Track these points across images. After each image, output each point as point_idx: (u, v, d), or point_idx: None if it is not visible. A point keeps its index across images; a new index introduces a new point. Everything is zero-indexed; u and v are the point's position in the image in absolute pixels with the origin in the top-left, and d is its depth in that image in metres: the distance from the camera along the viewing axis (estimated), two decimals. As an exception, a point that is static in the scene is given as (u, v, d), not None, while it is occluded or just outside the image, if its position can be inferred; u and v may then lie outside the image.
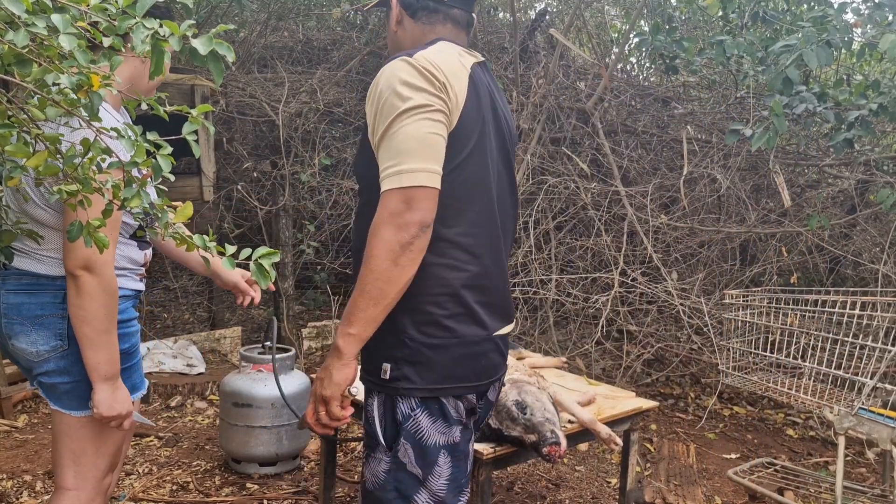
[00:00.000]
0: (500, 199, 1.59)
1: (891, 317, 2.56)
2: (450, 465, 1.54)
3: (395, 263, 1.39)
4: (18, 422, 3.74)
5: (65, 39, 1.02)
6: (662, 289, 4.33)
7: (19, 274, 1.73)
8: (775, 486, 3.03)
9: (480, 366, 1.55)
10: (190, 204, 1.25)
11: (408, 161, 1.38)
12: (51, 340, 1.72)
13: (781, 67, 3.45)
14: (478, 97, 1.50)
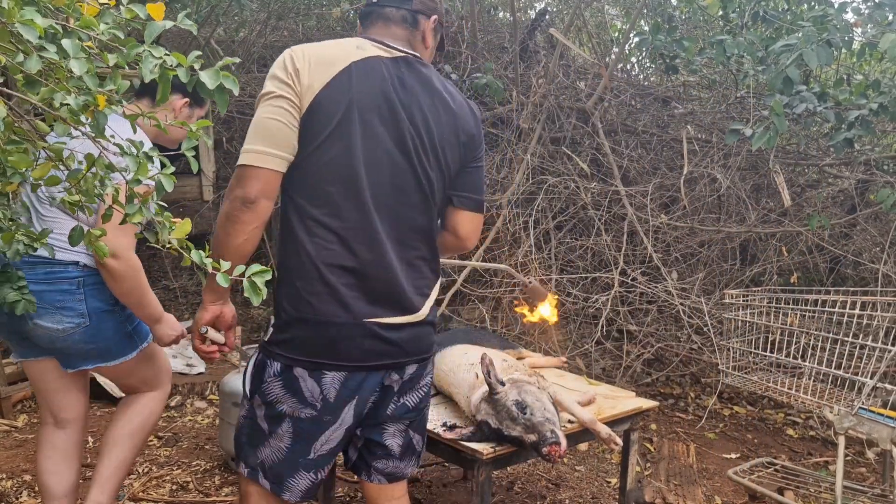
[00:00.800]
0: (380, 186, 1.63)
1: (891, 316, 2.56)
2: (290, 437, 1.68)
3: (223, 230, 1.60)
4: (18, 422, 3.74)
5: (75, 64, 1.06)
6: (662, 288, 4.33)
7: (33, 262, 2.02)
8: (775, 485, 3.03)
9: (342, 348, 1.63)
10: (188, 221, 1.31)
11: (247, 142, 1.59)
12: (74, 319, 2.08)
13: (782, 67, 3.45)
14: (349, 85, 1.58)
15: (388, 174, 1.64)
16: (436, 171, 1.70)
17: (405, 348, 1.71)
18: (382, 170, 1.63)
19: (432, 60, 1.83)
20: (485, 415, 2.05)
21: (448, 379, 2.36)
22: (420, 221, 1.71)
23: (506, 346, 2.84)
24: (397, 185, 1.66)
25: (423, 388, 1.82)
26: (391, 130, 1.63)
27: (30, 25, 1.00)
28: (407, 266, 1.69)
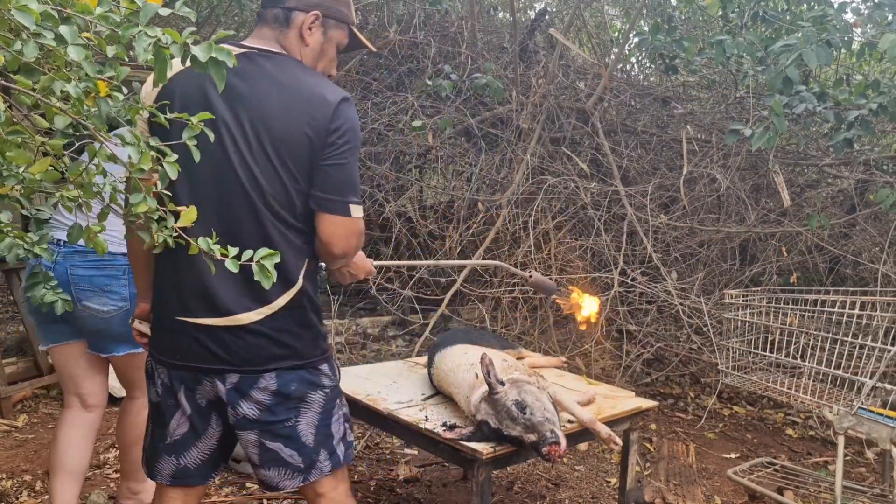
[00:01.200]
0: (203, 185, 1.63)
1: (890, 316, 2.56)
2: (151, 421, 1.82)
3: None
4: (18, 421, 3.74)
5: (73, 50, 1.06)
6: (662, 288, 4.33)
7: (84, 251, 2.30)
8: (775, 485, 3.03)
9: (164, 343, 1.72)
10: (194, 209, 1.30)
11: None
12: (118, 302, 2.37)
13: (781, 67, 3.45)
14: (172, 92, 1.62)
15: (211, 174, 1.61)
16: (267, 169, 1.62)
17: (217, 353, 1.65)
18: (204, 170, 1.57)
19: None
20: (484, 415, 2.05)
21: (448, 379, 2.37)
22: (248, 223, 1.63)
23: (505, 346, 2.84)
24: (221, 185, 1.62)
25: (266, 401, 1.68)
26: (211, 130, 1.60)
27: (26, 11, 1.00)
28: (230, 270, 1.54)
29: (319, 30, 1.73)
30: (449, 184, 5.68)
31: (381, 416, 2.36)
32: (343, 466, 1.82)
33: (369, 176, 5.01)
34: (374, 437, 3.70)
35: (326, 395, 1.76)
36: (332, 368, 1.81)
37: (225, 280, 1.62)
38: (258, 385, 1.67)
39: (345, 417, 1.83)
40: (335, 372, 1.83)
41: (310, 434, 1.73)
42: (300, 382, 1.71)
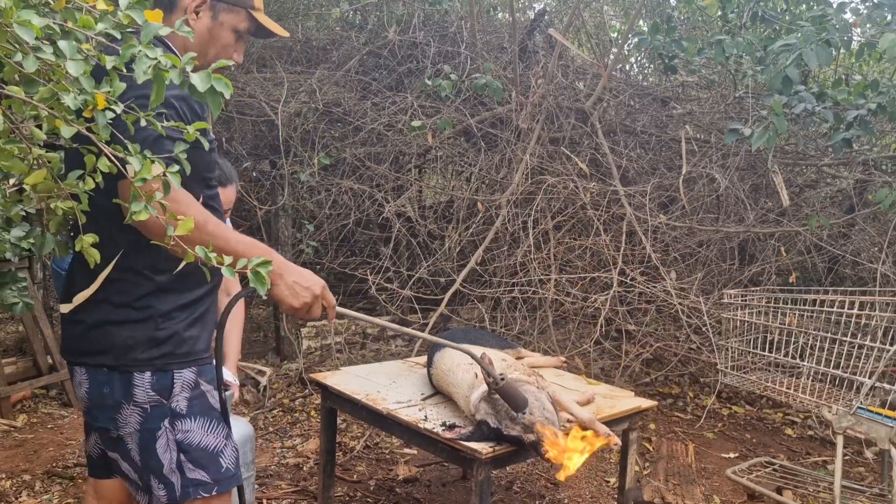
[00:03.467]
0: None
1: (889, 316, 2.57)
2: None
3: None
4: (17, 421, 3.74)
5: (72, 66, 1.06)
6: (661, 288, 4.33)
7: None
8: (774, 485, 3.03)
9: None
10: (191, 218, 1.31)
11: None
12: None
13: (781, 67, 3.45)
14: None
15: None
16: None
17: (63, 343, 1.61)
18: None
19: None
20: (484, 414, 2.05)
21: (447, 378, 2.37)
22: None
23: (504, 346, 2.84)
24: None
25: (85, 400, 1.57)
26: None
27: (26, 26, 1.01)
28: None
29: (208, 14, 1.62)
30: (448, 184, 5.68)
31: (381, 415, 2.36)
32: (190, 502, 1.57)
33: (369, 176, 5.01)
34: (373, 436, 3.70)
35: (143, 413, 1.53)
36: (160, 381, 1.54)
37: (76, 268, 1.64)
38: (86, 379, 1.57)
39: (180, 446, 1.55)
40: (165, 386, 1.55)
41: (134, 453, 1.56)
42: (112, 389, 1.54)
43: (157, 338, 1.53)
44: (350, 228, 5.08)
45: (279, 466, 3.34)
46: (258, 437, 3.67)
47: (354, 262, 5.03)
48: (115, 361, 1.52)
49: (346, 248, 5.41)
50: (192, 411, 1.57)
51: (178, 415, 1.56)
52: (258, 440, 3.63)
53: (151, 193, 1.26)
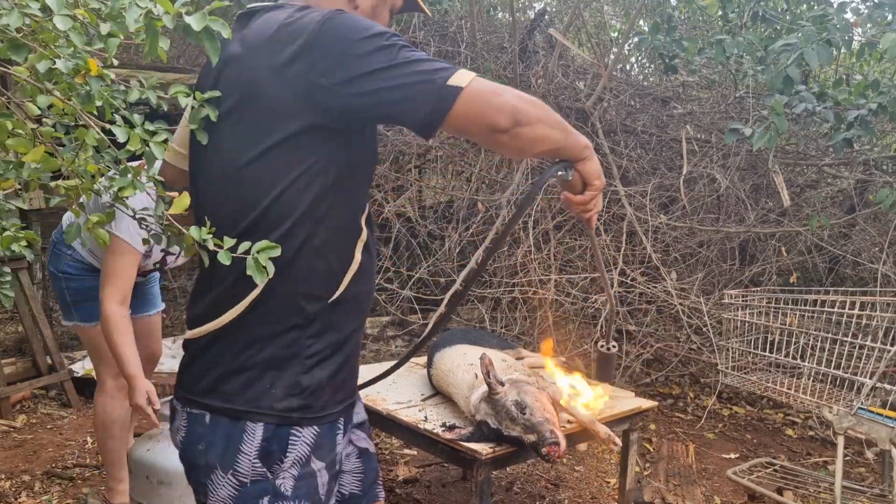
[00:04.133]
0: (200, 183, 1.33)
1: (890, 316, 2.56)
2: None
3: None
4: (17, 422, 3.74)
5: (59, 20, 1.00)
6: (662, 289, 4.33)
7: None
8: (774, 485, 3.03)
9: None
10: (186, 195, 1.21)
11: None
12: (56, 263, 2.66)
13: (782, 66, 3.45)
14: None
15: (207, 167, 1.39)
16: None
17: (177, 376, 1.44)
18: (203, 165, 1.38)
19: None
20: (484, 415, 2.05)
21: (447, 379, 2.36)
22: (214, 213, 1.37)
23: (504, 347, 2.84)
24: (204, 179, 1.41)
25: (195, 467, 1.30)
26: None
27: None
28: None
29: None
30: (448, 184, 5.68)
31: (381, 416, 2.35)
32: None
33: (369, 176, 5.00)
34: (373, 437, 3.70)
35: (239, 487, 1.26)
36: (273, 441, 1.27)
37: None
38: (174, 423, 1.39)
39: None
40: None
41: None
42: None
43: (300, 384, 1.27)
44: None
45: (279, 467, 3.33)
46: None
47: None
48: (227, 403, 1.25)
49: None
50: (297, 494, 1.28)
51: (281, 496, 1.26)
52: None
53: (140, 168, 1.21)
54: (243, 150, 1.21)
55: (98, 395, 2.70)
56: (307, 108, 1.18)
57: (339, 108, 1.18)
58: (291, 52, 1.17)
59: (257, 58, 1.21)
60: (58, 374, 4.05)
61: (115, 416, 2.68)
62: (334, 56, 1.16)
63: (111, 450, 2.71)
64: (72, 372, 4.09)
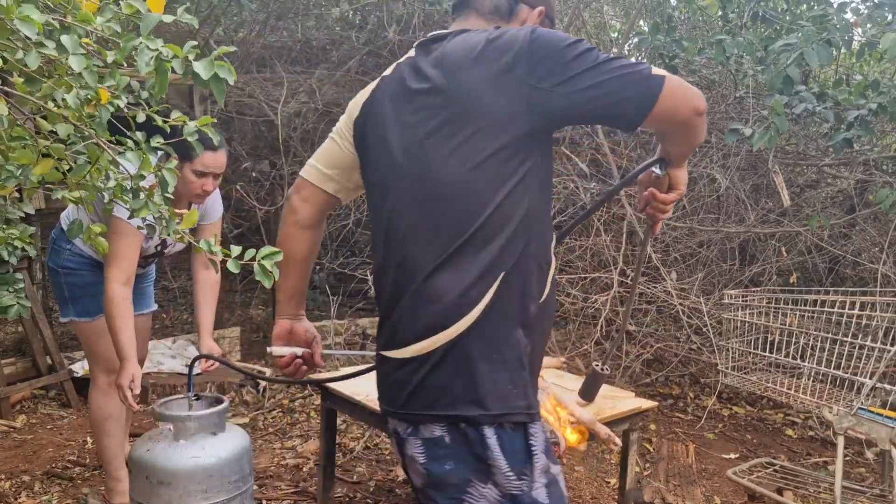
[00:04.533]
0: (403, 204, 1.38)
1: (890, 316, 2.56)
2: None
3: (280, 234, 1.67)
4: (17, 422, 3.74)
5: (74, 60, 1.05)
6: (662, 289, 4.33)
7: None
8: (774, 486, 3.03)
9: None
10: (195, 211, 1.31)
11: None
12: (49, 264, 2.69)
13: (782, 67, 3.44)
14: (367, 110, 1.50)
15: (407, 201, 1.47)
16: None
17: (392, 393, 1.42)
18: (401, 201, 1.46)
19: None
20: (484, 415, 2.04)
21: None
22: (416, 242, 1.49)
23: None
24: (405, 206, 1.49)
25: (443, 486, 1.29)
26: (400, 139, 1.40)
27: (28, 22, 1.00)
28: None
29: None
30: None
31: (381, 416, 2.35)
32: None
33: (369, 176, 5.01)
34: (373, 437, 3.70)
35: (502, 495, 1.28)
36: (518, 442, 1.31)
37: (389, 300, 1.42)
38: (407, 449, 1.39)
39: None
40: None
41: None
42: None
43: (527, 383, 1.32)
44: (350, 229, 5.08)
45: (279, 467, 3.33)
46: (258, 438, 3.67)
47: (354, 263, 5.02)
48: (479, 410, 1.25)
49: (346, 249, 5.41)
50: (552, 501, 1.28)
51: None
52: (258, 441, 3.63)
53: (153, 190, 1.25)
54: (463, 162, 1.28)
55: (91, 391, 2.72)
56: (526, 112, 1.28)
57: (557, 108, 1.28)
58: (507, 62, 1.27)
59: (467, 74, 1.30)
60: (57, 374, 4.05)
61: (108, 412, 2.69)
62: (549, 61, 1.27)
63: (106, 447, 2.71)
64: (72, 372, 4.09)
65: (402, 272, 1.34)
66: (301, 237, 1.61)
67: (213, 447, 2.13)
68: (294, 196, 1.62)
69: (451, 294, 1.27)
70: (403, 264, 1.33)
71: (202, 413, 2.17)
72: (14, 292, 2.07)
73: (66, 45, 1.05)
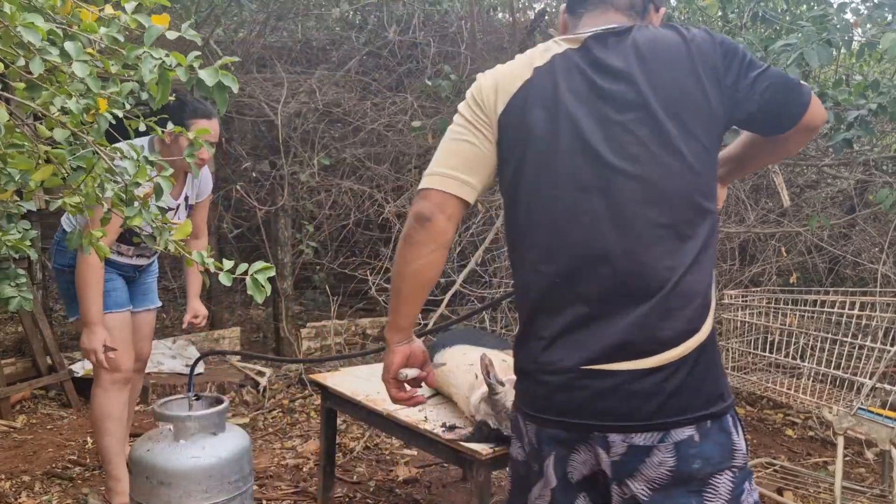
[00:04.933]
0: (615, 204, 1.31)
1: (890, 317, 2.56)
2: (510, 482, 1.52)
3: (400, 254, 1.41)
4: (17, 422, 3.74)
5: (78, 67, 1.06)
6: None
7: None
8: (774, 486, 3.03)
9: (542, 394, 1.37)
10: (189, 222, 1.33)
11: (432, 165, 1.42)
12: (54, 264, 2.78)
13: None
14: (528, 96, 1.36)
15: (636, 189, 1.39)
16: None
17: (625, 403, 1.33)
18: (616, 189, 1.38)
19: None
20: (484, 415, 2.05)
21: (447, 379, 2.36)
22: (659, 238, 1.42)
23: (504, 347, 2.84)
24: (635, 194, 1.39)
25: (689, 480, 1.29)
26: (599, 132, 1.34)
27: (32, 28, 1.01)
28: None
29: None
30: (448, 184, 5.67)
31: (381, 416, 2.35)
32: None
33: (369, 176, 5.01)
34: (373, 437, 3.70)
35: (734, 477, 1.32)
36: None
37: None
38: (652, 459, 1.32)
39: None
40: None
41: None
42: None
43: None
44: (350, 229, 5.08)
45: (279, 467, 3.33)
46: (258, 438, 3.67)
47: (354, 263, 5.03)
48: (721, 404, 1.32)
49: (346, 249, 5.41)
50: (750, 471, 1.39)
51: (749, 473, 1.37)
52: (258, 441, 3.63)
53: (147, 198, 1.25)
54: (690, 162, 1.31)
55: (94, 389, 2.73)
56: (723, 112, 1.34)
57: (739, 109, 1.36)
58: (711, 64, 1.33)
59: (675, 73, 1.32)
60: (58, 374, 4.05)
61: (110, 411, 2.70)
62: (736, 64, 1.35)
63: (107, 446, 2.72)
64: (72, 372, 4.09)
65: (635, 280, 1.28)
66: (442, 260, 1.42)
67: (213, 447, 2.14)
68: (439, 216, 1.37)
69: (699, 295, 1.30)
70: (640, 272, 1.28)
71: (202, 413, 2.18)
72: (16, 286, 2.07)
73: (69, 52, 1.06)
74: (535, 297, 1.37)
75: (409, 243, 1.39)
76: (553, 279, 1.34)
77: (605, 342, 1.28)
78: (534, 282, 1.37)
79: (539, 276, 1.36)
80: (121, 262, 2.77)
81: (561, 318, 1.32)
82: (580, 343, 1.30)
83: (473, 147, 1.40)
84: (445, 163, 1.40)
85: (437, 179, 1.39)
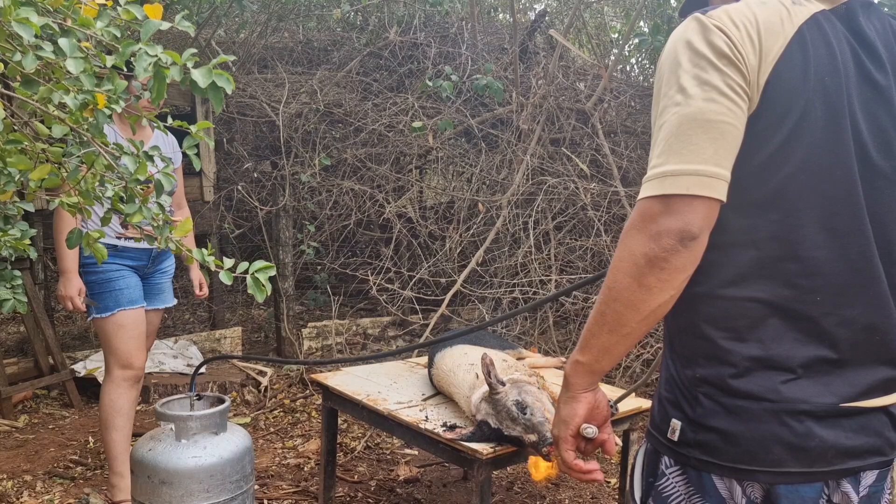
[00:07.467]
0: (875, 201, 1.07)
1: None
2: None
3: (640, 283, 1.03)
4: (19, 422, 3.75)
5: (71, 63, 1.06)
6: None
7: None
8: None
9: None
10: (189, 219, 1.32)
11: (678, 156, 1.01)
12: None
13: None
14: (805, 62, 1.02)
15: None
16: None
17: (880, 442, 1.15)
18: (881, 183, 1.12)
19: None
20: (485, 415, 2.05)
21: (448, 379, 2.37)
22: None
23: (505, 347, 2.85)
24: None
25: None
26: (871, 125, 1.08)
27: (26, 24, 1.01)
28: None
29: None
30: (449, 184, 5.68)
31: (382, 416, 2.36)
32: None
33: (370, 176, 5.02)
34: (374, 437, 3.71)
35: None
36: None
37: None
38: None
39: None
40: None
41: None
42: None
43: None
44: (351, 229, 5.09)
45: (280, 467, 3.34)
46: (259, 438, 3.68)
47: (355, 263, 5.03)
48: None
49: (347, 249, 5.41)
50: None
51: None
52: (259, 440, 3.64)
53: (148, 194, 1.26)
54: None
55: (105, 384, 2.78)
56: None
57: None
58: None
59: None
60: (59, 374, 4.06)
61: (119, 407, 2.74)
62: None
63: (114, 442, 2.75)
64: (73, 372, 4.10)
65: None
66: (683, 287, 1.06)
67: (214, 447, 2.15)
68: (706, 234, 1.02)
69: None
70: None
71: (204, 413, 2.19)
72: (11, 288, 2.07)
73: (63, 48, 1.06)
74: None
75: (659, 269, 1.01)
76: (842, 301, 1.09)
77: (876, 373, 1.11)
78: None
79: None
80: (130, 247, 2.74)
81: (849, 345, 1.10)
82: (849, 378, 1.10)
83: (734, 129, 1.01)
84: (703, 154, 0.99)
85: (705, 182, 0.99)
